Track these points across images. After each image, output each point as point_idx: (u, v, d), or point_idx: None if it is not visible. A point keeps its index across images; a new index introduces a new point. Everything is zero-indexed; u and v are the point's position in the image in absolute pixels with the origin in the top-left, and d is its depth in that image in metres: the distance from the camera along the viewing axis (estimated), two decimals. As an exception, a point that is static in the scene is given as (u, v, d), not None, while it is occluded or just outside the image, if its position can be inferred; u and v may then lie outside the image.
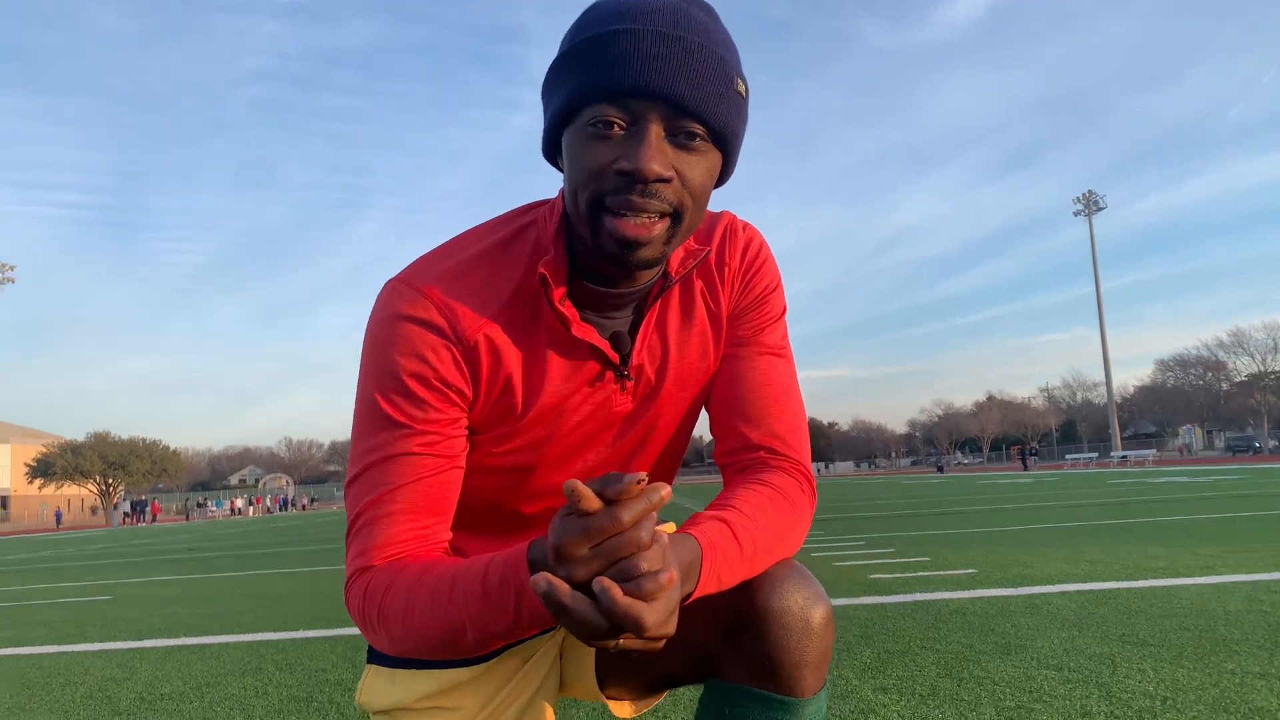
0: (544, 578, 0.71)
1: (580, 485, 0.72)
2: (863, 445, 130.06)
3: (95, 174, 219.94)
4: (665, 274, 1.07)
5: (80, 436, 78.86)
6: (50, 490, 75.62)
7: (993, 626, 3.69)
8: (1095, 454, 60.34)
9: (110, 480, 75.25)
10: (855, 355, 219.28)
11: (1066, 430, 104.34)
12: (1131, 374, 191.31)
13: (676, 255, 1.07)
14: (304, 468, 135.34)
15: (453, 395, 1.00)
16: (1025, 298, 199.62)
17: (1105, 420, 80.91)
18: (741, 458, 1.11)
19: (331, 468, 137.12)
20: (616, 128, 0.90)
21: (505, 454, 1.08)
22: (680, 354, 1.12)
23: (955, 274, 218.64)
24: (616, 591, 0.70)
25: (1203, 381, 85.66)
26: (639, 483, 0.73)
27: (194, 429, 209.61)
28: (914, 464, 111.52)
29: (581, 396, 1.07)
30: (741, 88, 0.95)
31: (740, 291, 1.14)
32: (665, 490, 0.75)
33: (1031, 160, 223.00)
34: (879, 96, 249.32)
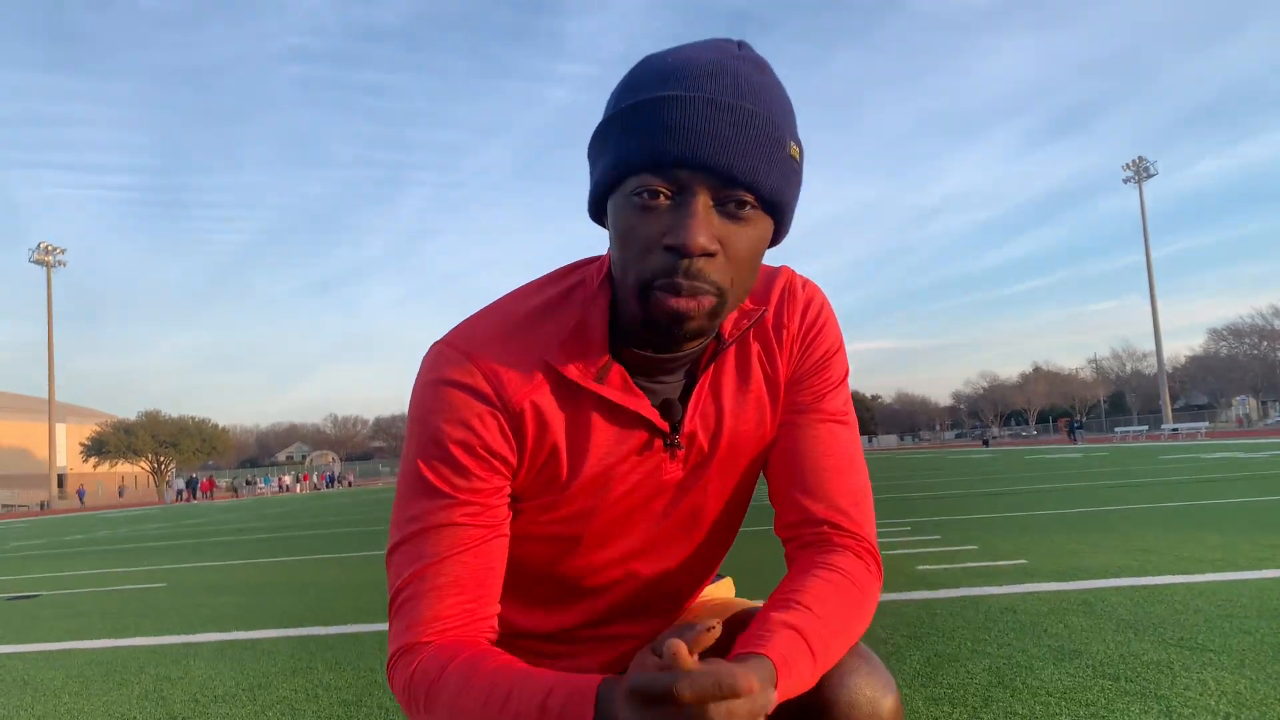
0: None
1: (682, 650, 0.71)
2: (906, 418, 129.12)
3: (140, 154, 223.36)
4: (719, 336, 1.03)
5: (131, 415, 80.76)
6: (105, 468, 77.52)
7: (1045, 627, 3.62)
8: (1145, 427, 59.31)
9: (162, 458, 76.98)
10: (898, 327, 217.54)
11: (1115, 402, 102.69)
12: (1184, 343, 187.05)
13: (730, 317, 1.03)
14: (350, 444, 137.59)
15: (498, 464, 0.97)
16: (1073, 266, 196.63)
17: (1155, 391, 79.45)
18: (804, 533, 1.06)
19: (377, 444, 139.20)
20: (662, 198, 0.86)
21: (551, 523, 1.05)
22: (735, 420, 1.07)
23: (1001, 243, 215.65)
24: None
25: (1257, 351, 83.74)
26: (709, 630, 0.72)
27: (241, 406, 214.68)
28: (958, 437, 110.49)
29: (629, 465, 1.03)
30: (795, 150, 0.90)
31: (800, 356, 1.09)
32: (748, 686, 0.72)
33: (1080, 125, 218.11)
34: (922, 61, 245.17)
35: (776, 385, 1.09)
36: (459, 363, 0.97)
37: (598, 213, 0.97)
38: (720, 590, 1.38)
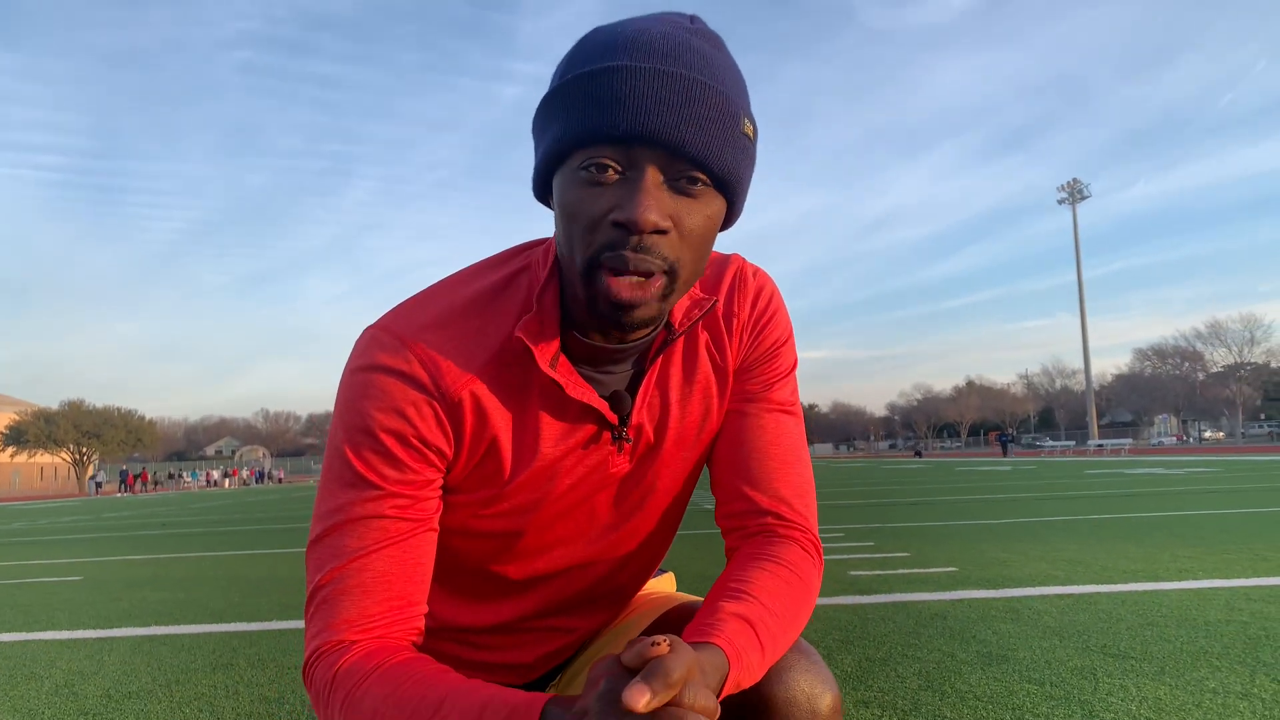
0: None
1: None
2: (841, 428, 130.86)
3: (73, 135, 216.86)
4: (668, 325, 0.99)
5: (54, 405, 78.21)
6: (24, 458, 74.97)
7: (974, 633, 3.67)
8: (1072, 442, 60.91)
9: (85, 449, 74.65)
10: (837, 338, 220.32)
11: (1044, 417, 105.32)
12: (1111, 362, 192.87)
13: (680, 305, 1.00)
14: (281, 440, 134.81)
15: (431, 455, 0.92)
16: (1009, 284, 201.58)
17: (1083, 408, 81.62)
18: (749, 523, 1.04)
19: (309, 440, 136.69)
20: (610, 172, 0.82)
21: (491, 517, 1.00)
22: (682, 411, 1.04)
23: (940, 258, 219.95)
24: None
25: (1179, 371, 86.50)
26: (655, 646, 0.70)
27: (170, 399, 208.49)
28: (892, 447, 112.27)
29: (575, 459, 0.99)
30: (749, 128, 0.87)
31: (750, 344, 1.06)
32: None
33: (1021, 145, 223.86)
34: (870, 76, 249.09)
35: (725, 375, 1.06)
36: (394, 349, 0.91)
37: (543, 191, 0.93)
38: (662, 585, 1.35)
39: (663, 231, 0.82)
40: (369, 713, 0.82)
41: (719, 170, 0.84)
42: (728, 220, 0.92)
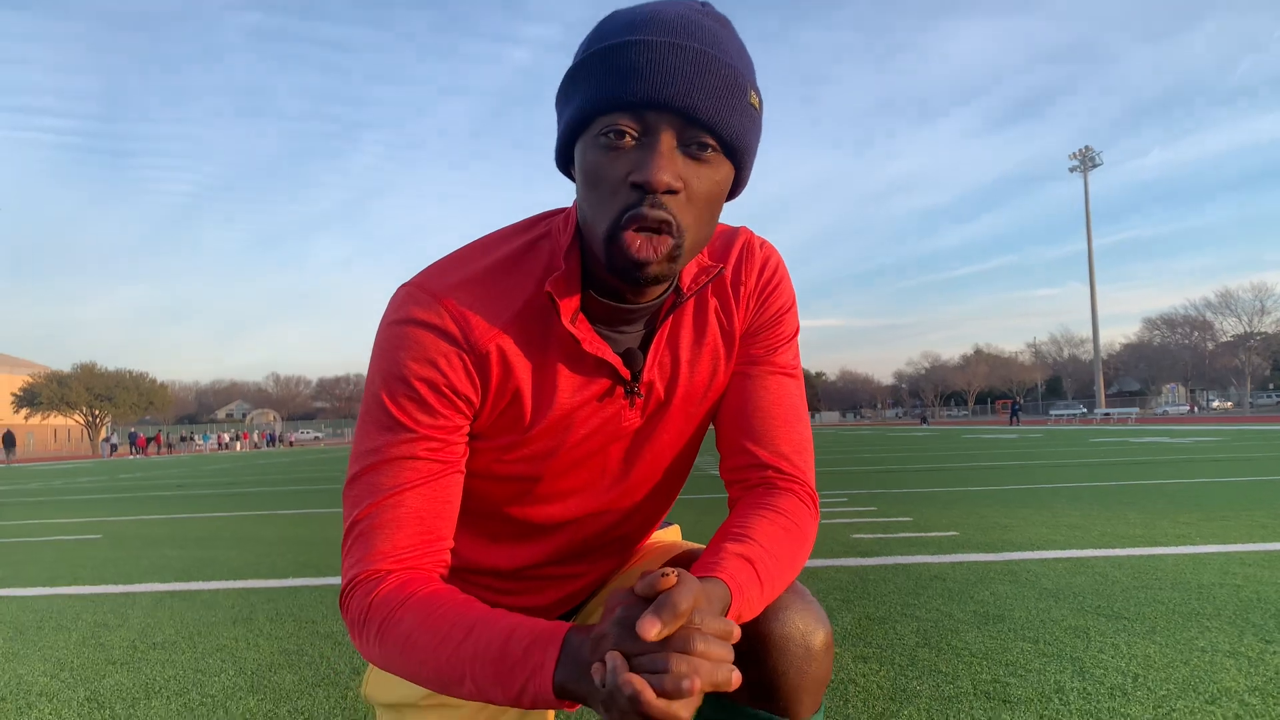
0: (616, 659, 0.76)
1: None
2: (849, 396, 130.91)
3: (83, 99, 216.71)
4: (678, 289, 1.07)
5: (66, 368, 78.73)
6: (37, 420, 75.57)
7: (972, 594, 3.77)
8: (1082, 409, 60.89)
9: (97, 412, 75.23)
10: (846, 306, 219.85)
11: (1052, 386, 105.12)
12: (1120, 331, 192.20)
13: (689, 271, 1.08)
14: (291, 404, 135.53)
15: (460, 403, 1.01)
16: (1019, 252, 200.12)
17: (1090, 377, 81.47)
18: (750, 475, 1.13)
19: (319, 404, 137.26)
20: (628, 138, 0.90)
21: (512, 462, 1.09)
22: (690, 370, 1.12)
23: (951, 226, 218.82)
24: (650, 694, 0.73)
25: (1188, 341, 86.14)
26: (665, 577, 0.78)
27: (182, 362, 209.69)
28: (899, 415, 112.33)
29: (590, 410, 1.08)
30: (755, 100, 0.95)
31: (755, 310, 1.15)
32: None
33: (1036, 111, 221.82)
34: (884, 40, 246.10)
35: (732, 338, 1.15)
36: (428, 304, 1.00)
37: (565, 161, 1.00)
38: (668, 535, 1.46)
39: (674, 191, 0.90)
40: (403, 637, 0.91)
41: (728, 136, 0.92)
42: (735, 188, 1.00)
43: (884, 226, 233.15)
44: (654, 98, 0.88)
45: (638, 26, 0.90)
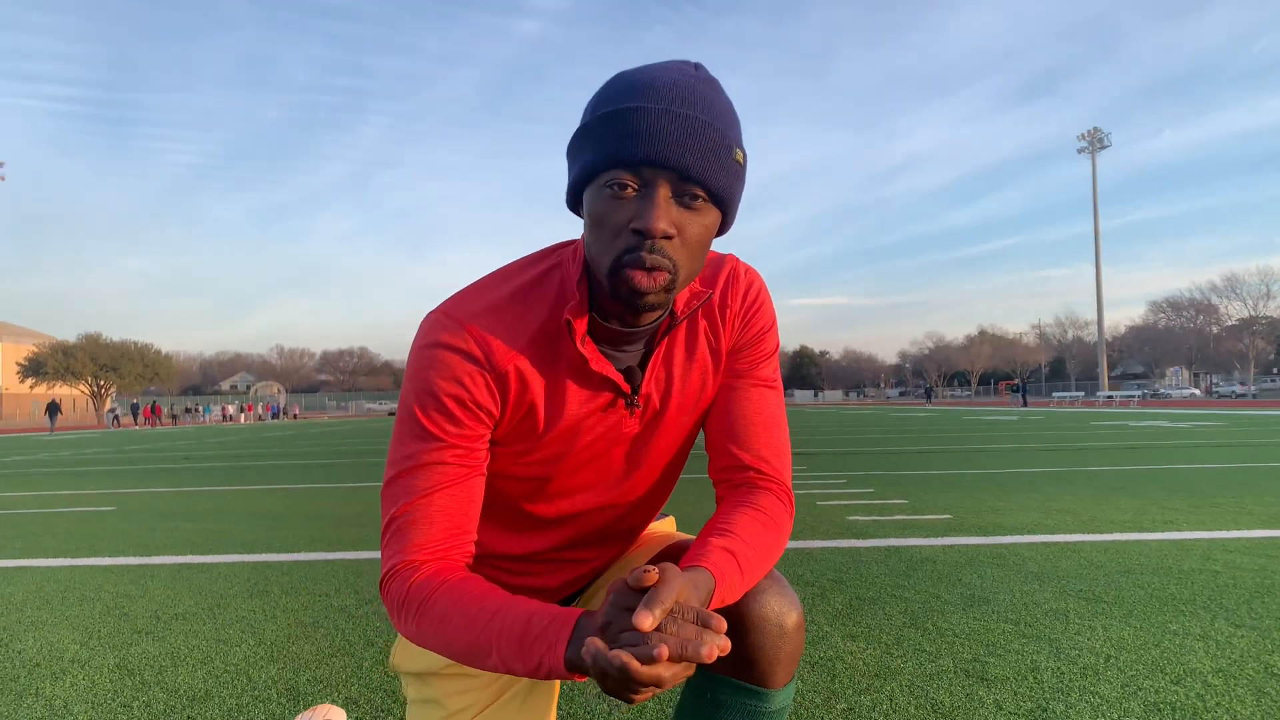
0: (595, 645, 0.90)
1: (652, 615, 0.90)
2: (852, 375, 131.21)
3: (87, 67, 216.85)
4: (672, 313, 1.23)
5: (71, 338, 79.07)
6: (42, 390, 76.00)
7: (960, 577, 3.92)
8: (1082, 393, 61.08)
9: (102, 382, 75.62)
10: (851, 284, 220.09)
11: (1056, 367, 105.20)
12: (1124, 313, 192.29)
13: (682, 296, 1.23)
14: (295, 376, 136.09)
15: (483, 415, 1.17)
16: (1025, 232, 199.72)
17: (1094, 359, 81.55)
18: (734, 476, 1.29)
19: (323, 377, 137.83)
20: (630, 189, 1.05)
21: (527, 464, 1.26)
22: (683, 384, 1.28)
23: (958, 205, 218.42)
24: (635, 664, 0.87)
25: (1194, 324, 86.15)
26: (647, 572, 0.93)
27: (187, 333, 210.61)
28: (902, 395, 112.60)
29: (595, 419, 1.24)
30: (740, 156, 1.10)
31: (740, 330, 1.31)
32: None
33: (1046, 90, 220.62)
34: (894, 16, 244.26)
35: (719, 355, 1.31)
36: (454, 330, 1.16)
37: (574, 203, 1.15)
38: (663, 526, 1.63)
39: (669, 237, 1.06)
40: (438, 618, 1.07)
41: (715, 189, 1.08)
42: (722, 228, 1.16)
43: (891, 205, 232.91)
44: (652, 158, 1.03)
45: (639, 93, 1.05)
